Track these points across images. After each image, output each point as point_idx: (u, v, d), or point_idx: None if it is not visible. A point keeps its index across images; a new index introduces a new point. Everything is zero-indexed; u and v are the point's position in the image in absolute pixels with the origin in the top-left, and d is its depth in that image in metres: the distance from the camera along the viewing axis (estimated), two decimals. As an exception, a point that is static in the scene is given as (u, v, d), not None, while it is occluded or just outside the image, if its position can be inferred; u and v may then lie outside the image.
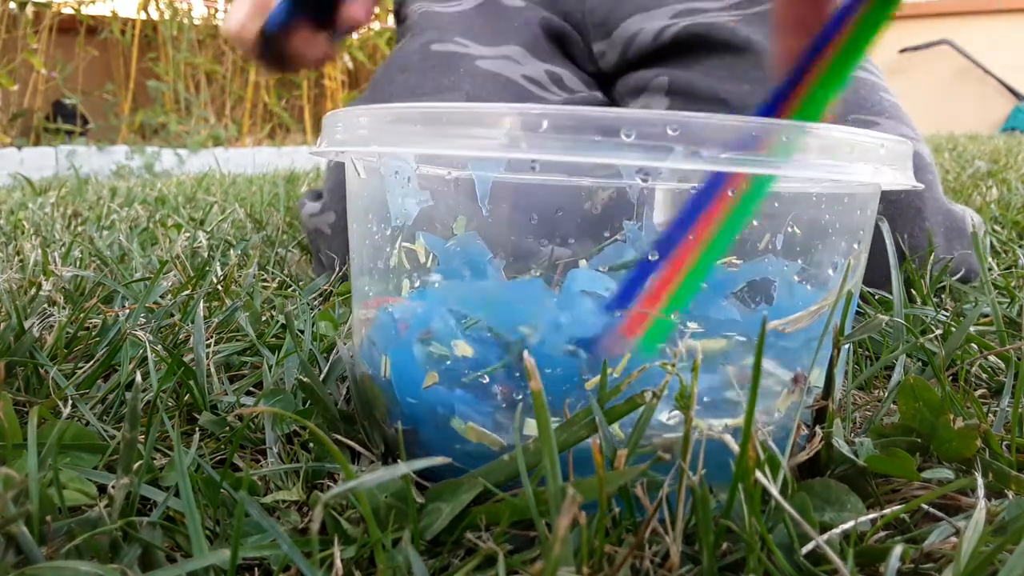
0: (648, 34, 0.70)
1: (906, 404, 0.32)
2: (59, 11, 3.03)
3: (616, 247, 0.35)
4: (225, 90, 3.44)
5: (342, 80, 3.76)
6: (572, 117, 0.24)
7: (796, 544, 0.24)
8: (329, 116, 0.32)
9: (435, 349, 0.32)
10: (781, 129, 0.24)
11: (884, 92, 0.63)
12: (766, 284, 0.33)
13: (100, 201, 1.25)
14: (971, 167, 1.58)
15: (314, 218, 0.70)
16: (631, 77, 0.72)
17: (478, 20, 0.76)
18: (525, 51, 0.72)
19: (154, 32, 3.34)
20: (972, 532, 0.23)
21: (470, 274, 0.33)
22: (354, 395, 0.34)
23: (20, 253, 0.75)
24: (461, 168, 0.32)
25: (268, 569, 0.26)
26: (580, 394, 0.29)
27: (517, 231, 0.33)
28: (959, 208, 0.63)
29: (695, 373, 0.25)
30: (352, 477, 0.24)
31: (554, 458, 0.22)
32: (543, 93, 0.69)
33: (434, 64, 0.69)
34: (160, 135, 3.16)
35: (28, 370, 0.40)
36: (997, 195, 1.13)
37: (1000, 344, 0.45)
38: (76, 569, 0.22)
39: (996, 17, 4.84)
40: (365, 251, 0.34)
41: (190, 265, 0.69)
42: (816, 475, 0.29)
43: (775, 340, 0.31)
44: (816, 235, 0.31)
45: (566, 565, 0.21)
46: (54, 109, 3.23)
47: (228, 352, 0.45)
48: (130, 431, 0.26)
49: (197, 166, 2.68)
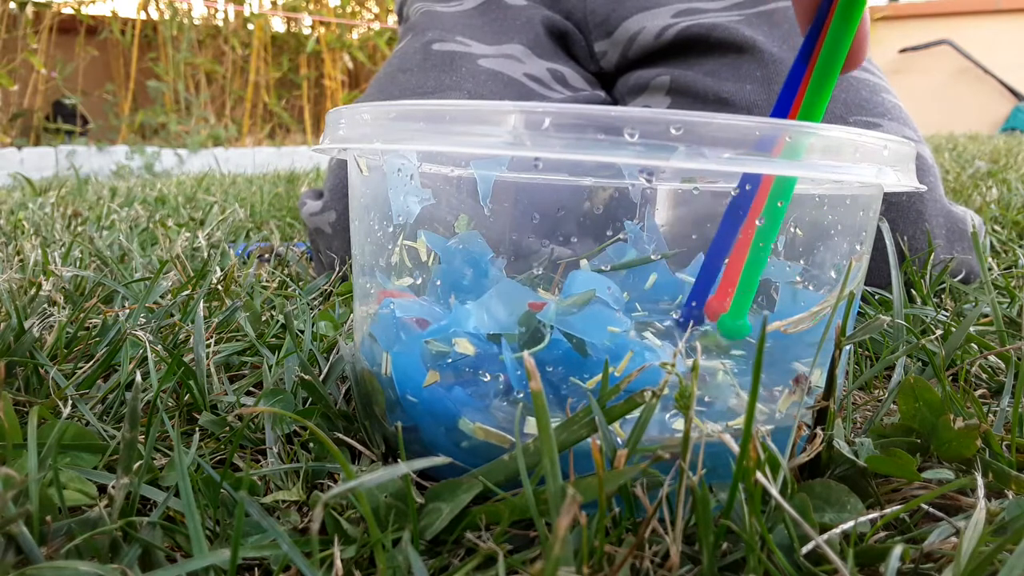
0: (650, 33, 0.70)
1: (906, 404, 0.32)
2: (59, 11, 3.03)
3: (617, 247, 0.35)
4: (225, 90, 3.44)
5: (342, 80, 3.76)
6: (575, 115, 0.24)
7: (796, 544, 0.24)
8: (332, 113, 0.32)
9: (435, 347, 0.32)
10: (786, 130, 0.24)
11: (886, 93, 0.63)
12: (767, 285, 0.33)
13: (100, 201, 1.25)
14: (971, 167, 1.58)
15: (315, 217, 0.70)
16: (632, 76, 0.72)
17: (480, 19, 0.76)
18: (527, 50, 0.72)
19: (154, 32, 3.34)
20: (972, 532, 0.23)
21: (471, 272, 0.33)
22: (354, 391, 0.34)
23: (20, 253, 0.75)
24: (463, 167, 0.32)
25: (268, 569, 0.26)
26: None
27: (519, 230, 0.33)
28: (960, 210, 0.63)
29: (695, 373, 0.25)
30: (352, 477, 0.24)
31: (554, 458, 0.22)
32: (545, 91, 0.69)
33: (435, 63, 0.69)
34: (160, 135, 3.16)
35: (28, 370, 0.40)
36: (997, 195, 1.13)
37: (1000, 344, 0.45)
38: (76, 569, 0.22)
39: (996, 17, 4.84)
40: (367, 248, 0.34)
41: (190, 265, 0.69)
42: (816, 475, 0.29)
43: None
44: (818, 236, 0.31)
45: (566, 565, 0.21)
46: (54, 109, 3.23)
47: (228, 352, 0.45)
48: (130, 431, 0.26)
49: (197, 166, 2.68)
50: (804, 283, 0.32)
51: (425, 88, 0.68)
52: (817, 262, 0.32)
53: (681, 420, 0.29)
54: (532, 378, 0.23)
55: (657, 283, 0.37)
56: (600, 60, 0.75)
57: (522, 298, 0.31)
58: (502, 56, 0.70)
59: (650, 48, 0.70)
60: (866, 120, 0.59)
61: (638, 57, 0.72)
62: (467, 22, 0.75)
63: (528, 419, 0.29)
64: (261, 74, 3.53)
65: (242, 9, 3.42)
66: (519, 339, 0.31)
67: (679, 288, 0.37)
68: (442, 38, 0.71)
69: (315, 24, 3.66)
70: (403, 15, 0.85)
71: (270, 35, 3.56)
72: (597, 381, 0.29)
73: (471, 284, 0.34)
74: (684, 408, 0.25)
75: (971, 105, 4.85)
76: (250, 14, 3.43)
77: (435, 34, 0.72)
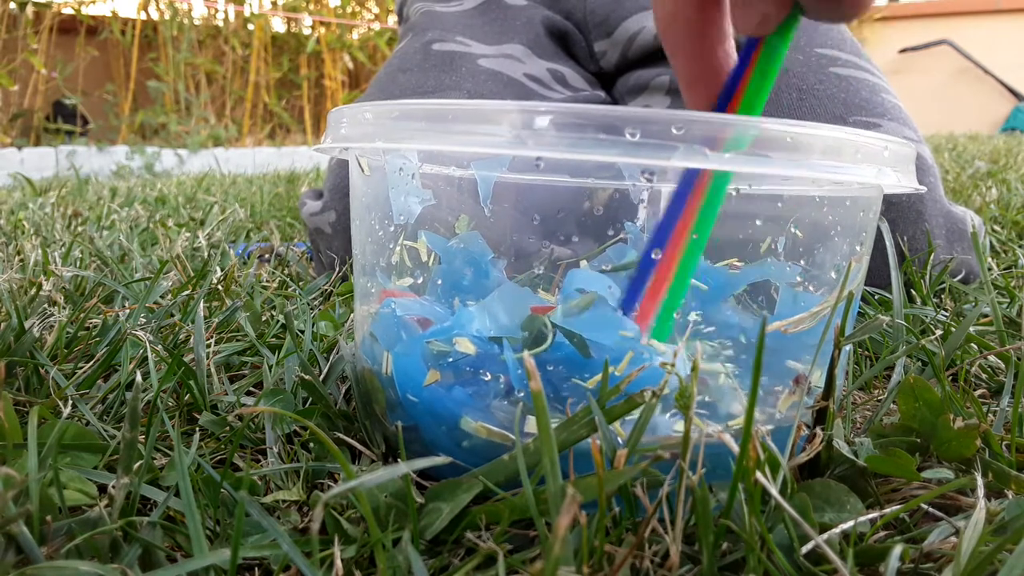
0: (649, 33, 0.70)
1: (906, 404, 0.32)
2: (59, 11, 3.03)
3: (617, 248, 0.35)
4: (225, 90, 3.44)
5: (342, 80, 3.76)
6: (577, 115, 0.24)
7: (796, 544, 0.24)
8: (334, 112, 0.32)
9: (437, 347, 0.32)
10: (785, 132, 0.24)
11: (886, 93, 0.63)
12: (767, 286, 0.33)
13: (100, 201, 1.25)
14: (971, 167, 1.58)
15: (315, 217, 0.70)
16: (632, 76, 0.72)
17: (479, 19, 0.76)
18: (527, 50, 0.72)
19: (154, 32, 3.34)
20: (972, 532, 0.23)
21: (472, 273, 0.33)
22: (355, 391, 0.34)
23: (20, 253, 0.75)
24: (464, 167, 0.32)
25: (268, 569, 0.26)
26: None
27: (519, 231, 0.33)
28: (960, 210, 0.63)
29: (694, 373, 0.25)
30: (352, 477, 0.24)
31: (554, 458, 0.22)
32: (545, 91, 0.69)
33: (435, 63, 0.69)
34: (160, 135, 3.16)
35: (28, 370, 0.40)
36: (997, 195, 1.13)
37: (1000, 344, 0.45)
38: (76, 569, 0.22)
39: (996, 17, 4.85)
40: (368, 248, 0.34)
41: (190, 265, 0.69)
42: (816, 475, 0.29)
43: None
44: (818, 237, 0.31)
45: (566, 565, 0.21)
46: (54, 109, 3.23)
47: (228, 352, 0.45)
48: (130, 431, 0.26)
49: (197, 166, 2.68)
50: (804, 283, 0.32)
51: (425, 88, 0.68)
52: (817, 263, 0.32)
53: (681, 421, 0.29)
54: (532, 378, 0.23)
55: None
56: (600, 60, 0.76)
57: (525, 302, 0.31)
58: (502, 56, 0.70)
59: (650, 48, 0.70)
60: (866, 120, 0.59)
61: (638, 57, 0.72)
62: (467, 22, 0.75)
63: (528, 419, 0.29)
64: (261, 74, 3.53)
65: (242, 9, 3.42)
66: (523, 342, 0.31)
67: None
68: (442, 38, 0.72)
69: (315, 24, 3.66)
70: (403, 15, 0.85)
71: (270, 35, 3.56)
72: (597, 381, 0.29)
73: (471, 284, 0.34)
74: (684, 408, 0.25)
75: (971, 105, 4.85)
76: (250, 14, 3.44)
77: (435, 34, 0.72)
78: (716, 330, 0.35)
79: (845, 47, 0.64)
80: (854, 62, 0.63)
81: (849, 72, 0.62)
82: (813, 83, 0.60)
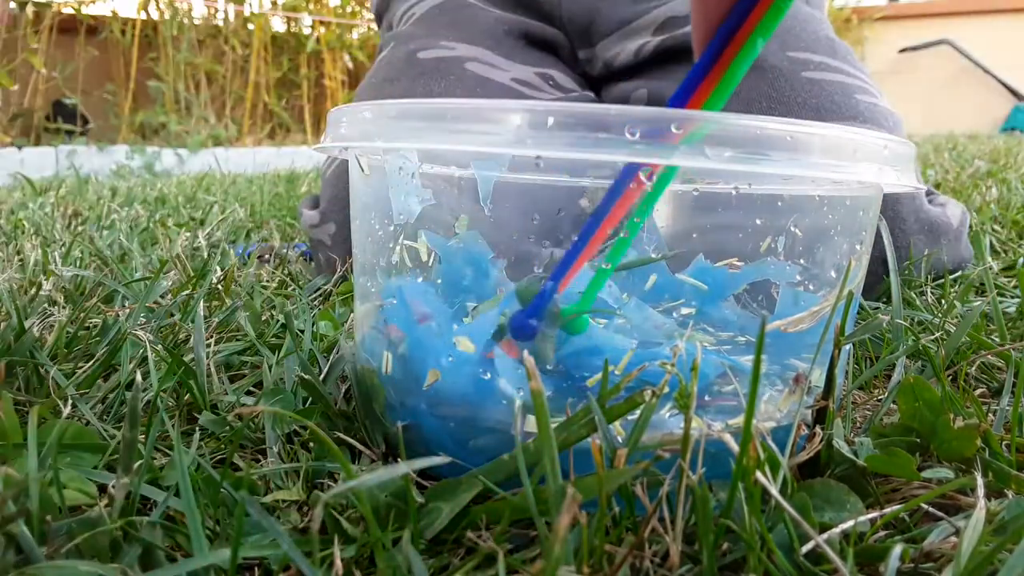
0: (629, 52, 0.71)
1: (906, 404, 0.32)
2: (59, 11, 3.03)
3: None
4: (225, 90, 3.44)
5: (342, 80, 3.76)
6: (577, 114, 0.24)
7: (796, 544, 0.24)
8: (334, 112, 0.32)
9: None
10: (785, 132, 0.24)
11: (861, 93, 0.62)
12: (767, 286, 0.33)
13: (100, 201, 1.25)
14: (971, 167, 1.58)
15: (314, 229, 0.70)
16: (614, 89, 0.72)
17: (458, 23, 0.75)
18: (509, 54, 0.71)
19: (154, 32, 3.34)
20: (972, 532, 0.23)
21: (472, 273, 0.33)
22: (355, 391, 0.34)
23: (20, 253, 0.75)
24: (464, 167, 0.32)
25: (268, 569, 0.26)
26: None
27: (519, 231, 0.33)
28: (938, 209, 0.64)
29: (695, 372, 0.25)
30: (352, 476, 0.24)
31: (554, 457, 0.22)
32: (536, 95, 0.68)
33: (422, 71, 0.68)
34: (160, 135, 3.16)
35: (28, 370, 0.40)
36: (997, 195, 1.13)
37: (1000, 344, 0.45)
38: (76, 569, 0.22)
39: (996, 17, 4.85)
40: (367, 247, 0.34)
41: (190, 265, 0.69)
42: (816, 475, 0.29)
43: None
44: (818, 237, 0.31)
45: (566, 564, 0.21)
46: (54, 109, 3.23)
47: (228, 352, 0.45)
48: (130, 431, 0.26)
49: (197, 166, 2.68)
50: (804, 283, 0.32)
51: (414, 97, 0.67)
52: (817, 262, 0.32)
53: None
54: (532, 378, 0.23)
55: (657, 284, 0.37)
56: (584, 66, 0.76)
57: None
58: (487, 64, 0.69)
59: (631, 63, 0.71)
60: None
61: (620, 70, 0.72)
62: (447, 21, 0.74)
63: (528, 418, 0.29)
64: (261, 74, 3.53)
65: (242, 9, 3.42)
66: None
67: (679, 289, 0.37)
68: (426, 46, 0.71)
69: (315, 24, 3.66)
70: (384, 21, 0.84)
71: (270, 35, 3.56)
72: (597, 380, 0.29)
73: (471, 284, 0.34)
74: (684, 408, 0.25)
75: (971, 105, 4.85)
76: (250, 14, 3.43)
77: (419, 43, 0.71)
78: (715, 330, 0.35)
79: (819, 48, 0.64)
80: (827, 63, 0.63)
81: (822, 75, 0.62)
82: (784, 89, 0.60)
